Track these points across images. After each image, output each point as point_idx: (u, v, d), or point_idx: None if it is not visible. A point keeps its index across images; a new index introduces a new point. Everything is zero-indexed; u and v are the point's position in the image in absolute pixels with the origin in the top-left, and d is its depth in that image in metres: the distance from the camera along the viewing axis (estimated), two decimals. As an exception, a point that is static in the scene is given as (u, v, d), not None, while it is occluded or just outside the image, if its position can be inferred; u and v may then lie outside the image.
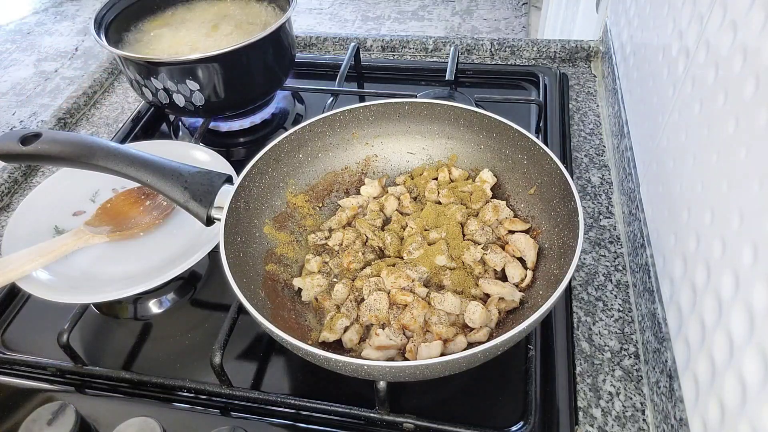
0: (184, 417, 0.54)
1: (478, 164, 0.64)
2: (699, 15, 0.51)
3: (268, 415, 0.54)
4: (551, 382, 0.54)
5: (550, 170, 0.55)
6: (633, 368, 0.56)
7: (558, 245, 0.54)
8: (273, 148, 0.59)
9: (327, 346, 0.52)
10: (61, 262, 0.61)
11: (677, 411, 0.46)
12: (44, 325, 0.62)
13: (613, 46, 0.87)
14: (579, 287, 0.63)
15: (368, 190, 0.64)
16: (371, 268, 0.56)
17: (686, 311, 0.48)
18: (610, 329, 0.59)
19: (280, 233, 0.59)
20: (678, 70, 0.56)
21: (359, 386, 0.54)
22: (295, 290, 0.57)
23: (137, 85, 0.77)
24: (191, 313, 0.64)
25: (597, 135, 0.83)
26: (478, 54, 1.00)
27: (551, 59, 0.98)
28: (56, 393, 0.57)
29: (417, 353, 0.49)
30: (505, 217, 0.59)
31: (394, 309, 0.52)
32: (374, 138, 0.66)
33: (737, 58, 0.43)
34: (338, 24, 3.20)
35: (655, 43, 0.64)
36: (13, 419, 0.54)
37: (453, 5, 3.29)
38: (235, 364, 0.58)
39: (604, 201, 0.73)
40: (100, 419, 0.53)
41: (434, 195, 0.62)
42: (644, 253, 0.59)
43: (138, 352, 0.60)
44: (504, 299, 0.53)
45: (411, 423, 0.51)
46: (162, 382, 0.56)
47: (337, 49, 1.04)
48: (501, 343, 0.41)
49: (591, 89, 0.91)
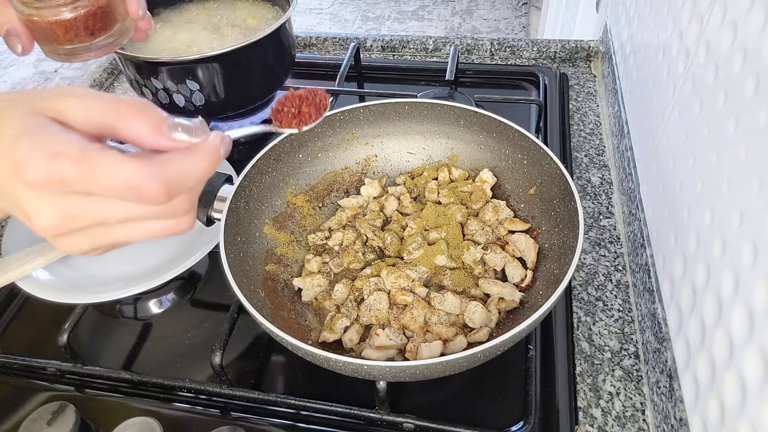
0: (184, 417, 0.54)
1: (478, 164, 0.64)
2: (699, 15, 0.51)
3: (268, 415, 0.54)
4: (551, 382, 0.54)
5: (550, 170, 0.55)
6: (633, 368, 0.56)
7: (558, 245, 0.54)
8: (273, 148, 0.59)
9: (327, 346, 0.52)
10: (61, 262, 0.61)
11: (677, 411, 0.46)
12: (44, 325, 0.62)
13: (613, 46, 0.87)
14: (579, 287, 0.63)
15: (368, 190, 0.64)
16: (371, 268, 0.56)
17: (686, 311, 0.48)
18: (610, 329, 0.59)
19: (280, 233, 0.59)
20: (678, 70, 0.56)
21: (359, 386, 0.54)
22: (295, 290, 0.57)
23: (137, 85, 0.77)
24: (191, 313, 0.64)
25: (597, 135, 0.83)
26: (478, 54, 1.00)
27: (551, 59, 0.98)
28: (56, 393, 0.57)
29: (417, 353, 0.49)
30: (505, 217, 0.60)
31: (394, 309, 0.52)
32: (374, 138, 0.66)
33: (737, 58, 0.43)
34: (338, 24, 3.20)
35: (655, 43, 0.64)
36: (13, 419, 0.54)
37: (453, 5, 3.29)
38: (235, 364, 0.58)
39: (604, 201, 0.73)
40: (100, 419, 0.53)
41: (434, 195, 0.62)
42: (644, 253, 0.59)
43: (138, 352, 0.60)
44: (504, 299, 0.53)
45: (411, 423, 0.51)
46: (162, 382, 0.55)
47: (337, 49, 1.04)
48: (501, 343, 0.41)
49: (591, 89, 0.91)
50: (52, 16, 0.50)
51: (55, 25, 0.50)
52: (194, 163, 0.31)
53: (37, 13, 0.49)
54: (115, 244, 0.33)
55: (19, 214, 0.30)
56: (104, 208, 0.30)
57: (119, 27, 0.55)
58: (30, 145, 0.28)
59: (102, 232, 0.31)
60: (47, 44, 0.52)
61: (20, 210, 0.29)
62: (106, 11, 0.52)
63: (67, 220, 0.29)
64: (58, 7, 0.49)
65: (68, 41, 0.52)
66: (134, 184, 0.29)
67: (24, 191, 0.28)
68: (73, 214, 0.29)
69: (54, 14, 0.50)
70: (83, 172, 0.28)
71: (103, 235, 0.31)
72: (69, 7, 0.50)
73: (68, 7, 0.50)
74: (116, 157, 0.29)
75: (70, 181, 0.28)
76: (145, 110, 0.30)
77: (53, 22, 0.50)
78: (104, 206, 0.30)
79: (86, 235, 0.31)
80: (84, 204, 0.29)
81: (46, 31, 0.50)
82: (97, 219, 0.30)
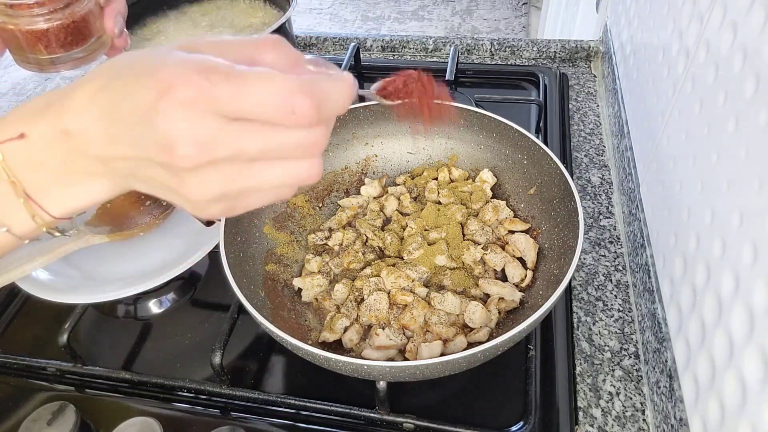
0: (184, 417, 0.54)
1: (478, 164, 0.64)
2: (699, 15, 0.51)
3: (268, 415, 0.54)
4: (551, 382, 0.54)
5: (550, 170, 0.55)
6: (633, 368, 0.56)
7: (558, 245, 0.54)
8: (273, 148, 0.59)
9: (327, 346, 0.52)
10: (61, 262, 0.61)
11: (677, 411, 0.46)
12: (44, 325, 0.62)
13: (613, 46, 0.87)
14: (579, 287, 0.63)
15: (368, 190, 0.64)
16: (371, 268, 0.56)
17: (686, 311, 0.48)
18: (610, 329, 0.59)
19: (280, 233, 0.59)
20: (678, 70, 0.56)
21: (359, 386, 0.54)
22: (295, 290, 0.57)
23: (137, 85, 0.77)
24: (191, 313, 0.64)
25: (597, 135, 0.83)
26: (478, 54, 1.00)
27: (551, 59, 0.98)
28: (56, 393, 0.57)
29: (417, 353, 0.49)
30: (505, 217, 0.60)
31: (394, 309, 0.52)
32: (374, 138, 0.66)
33: (737, 58, 0.43)
34: (338, 24, 3.19)
35: (655, 43, 0.64)
36: (13, 419, 0.54)
37: (453, 5, 3.28)
38: (235, 364, 0.58)
39: (604, 201, 0.73)
40: (100, 419, 0.53)
41: (434, 195, 0.62)
42: (644, 253, 0.59)
43: (138, 352, 0.60)
44: (504, 299, 0.53)
45: (411, 423, 0.51)
46: (162, 382, 0.55)
47: (337, 49, 1.04)
48: (501, 343, 0.41)
49: (591, 89, 0.91)
50: (25, 25, 0.49)
51: (28, 34, 0.50)
52: (339, 88, 0.30)
53: (10, 21, 0.49)
54: (245, 190, 0.30)
55: (154, 149, 0.28)
56: (247, 135, 0.28)
57: (94, 42, 0.55)
58: (178, 64, 0.26)
59: (236, 170, 0.29)
60: (18, 53, 0.52)
61: (160, 139, 0.27)
62: (81, 25, 0.52)
63: (208, 148, 0.27)
64: (33, 17, 0.49)
65: (39, 51, 0.51)
66: (287, 96, 0.27)
67: (170, 113, 0.26)
68: (215, 141, 0.27)
69: (27, 23, 0.49)
70: (237, 86, 0.27)
71: (236, 176, 0.29)
72: (43, 17, 0.49)
73: (43, 17, 0.49)
74: (268, 71, 0.28)
75: (222, 96, 0.26)
76: (281, 43, 0.30)
77: (26, 31, 0.50)
78: (247, 133, 0.28)
79: (220, 173, 0.29)
80: (228, 129, 0.27)
81: (18, 39, 0.50)
82: (236, 148, 0.28)
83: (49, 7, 0.49)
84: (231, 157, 0.28)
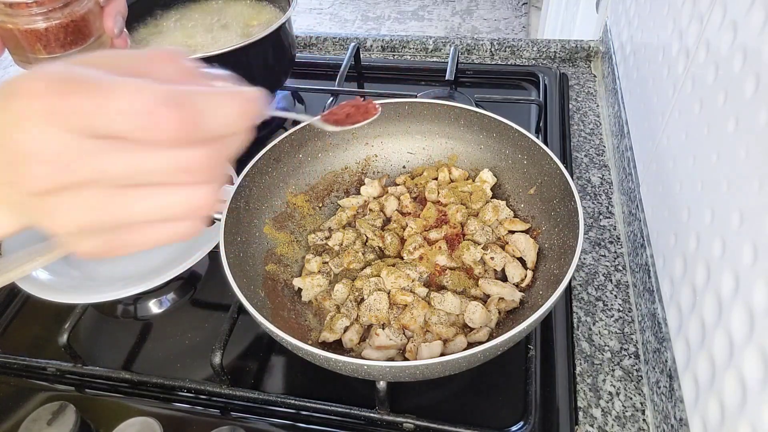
0: (184, 417, 0.54)
1: (478, 164, 0.64)
2: (699, 15, 0.51)
3: (268, 415, 0.54)
4: (551, 382, 0.54)
5: (550, 170, 0.55)
6: (633, 368, 0.56)
7: (558, 245, 0.54)
8: (273, 148, 0.59)
9: (327, 346, 0.52)
10: (61, 262, 0.61)
11: (677, 411, 0.46)
12: (44, 325, 0.62)
13: (613, 46, 0.87)
14: (579, 287, 0.63)
15: (368, 190, 0.64)
16: (371, 268, 0.56)
17: (686, 311, 0.48)
18: (610, 329, 0.59)
19: (280, 233, 0.59)
20: (678, 70, 0.56)
21: (359, 386, 0.54)
22: (295, 290, 0.57)
23: (137, 85, 0.77)
24: (191, 313, 0.64)
25: (597, 135, 0.83)
26: (478, 54, 1.00)
27: (551, 59, 0.98)
28: (56, 393, 0.57)
29: (417, 353, 0.49)
30: (505, 217, 0.59)
31: (394, 309, 0.52)
32: (374, 138, 0.66)
33: (737, 58, 0.43)
34: (338, 24, 3.19)
35: (655, 43, 0.64)
36: (13, 419, 0.54)
37: (453, 5, 3.28)
38: (235, 364, 0.58)
39: (604, 201, 0.73)
40: (100, 419, 0.53)
41: (434, 195, 0.62)
42: (644, 253, 0.59)
43: (138, 352, 0.60)
44: (504, 299, 0.53)
45: (411, 423, 0.51)
46: (162, 382, 0.55)
47: (337, 49, 1.04)
48: (501, 343, 0.41)
49: (591, 89, 0.91)
50: (24, 24, 0.49)
51: (27, 33, 0.50)
52: (224, 102, 0.26)
53: (9, 21, 0.49)
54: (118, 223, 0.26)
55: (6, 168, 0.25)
56: (108, 154, 0.24)
57: (94, 42, 0.54)
58: (39, 78, 0.24)
59: (103, 197, 0.25)
60: (17, 52, 0.52)
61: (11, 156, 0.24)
62: (80, 25, 0.52)
63: (62, 167, 0.24)
64: (32, 17, 0.49)
65: (38, 51, 0.51)
66: (152, 107, 0.24)
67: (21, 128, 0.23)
68: (71, 160, 0.24)
69: (26, 23, 0.49)
70: (101, 98, 0.24)
71: (103, 204, 0.25)
72: (42, 17, 0.49)
73: (41, 16, 0.49)
74: (140, 81, 0.24)
75: (80, 109, 0.23)
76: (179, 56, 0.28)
77: (25, 30, 0.50)
78: (108, 152, 0.24)
79: (82, 199, 0.25)
80: (86, 147, 0.24)
81: (17, 38, 0.50)
82: (96, 169, 0.24)
83: (48, 6, 0.49)
84: (93, 180, 0.25)
